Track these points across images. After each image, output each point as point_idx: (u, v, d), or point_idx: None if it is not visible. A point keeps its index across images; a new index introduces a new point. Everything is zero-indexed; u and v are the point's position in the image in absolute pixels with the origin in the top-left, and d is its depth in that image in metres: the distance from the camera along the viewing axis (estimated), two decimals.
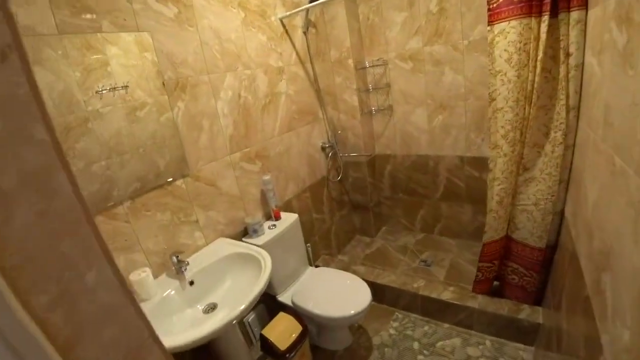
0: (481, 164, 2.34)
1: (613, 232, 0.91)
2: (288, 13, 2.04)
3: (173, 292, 1.36)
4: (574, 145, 1.49)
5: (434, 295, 2.05)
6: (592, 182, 1.18)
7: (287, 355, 1.68)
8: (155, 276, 1.38)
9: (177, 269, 1.40)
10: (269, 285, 1.83)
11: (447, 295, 2.03)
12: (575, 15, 1.28)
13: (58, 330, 0.35)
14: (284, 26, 2.07)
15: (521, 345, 1.85)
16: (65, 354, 0.35)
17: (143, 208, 1.37)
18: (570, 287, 1.27)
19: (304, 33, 2.22)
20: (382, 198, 3.02)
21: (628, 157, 0.83)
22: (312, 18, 2.30)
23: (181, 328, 1.28)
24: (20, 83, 0.33)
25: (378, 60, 2.47)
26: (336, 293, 1.85)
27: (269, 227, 1.84)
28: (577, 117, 1.43)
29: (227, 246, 1.61)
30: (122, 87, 1.27)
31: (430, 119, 2.46)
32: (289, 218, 1.94)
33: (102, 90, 1.21)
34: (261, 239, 1.74)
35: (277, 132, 2.04)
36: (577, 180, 1.44)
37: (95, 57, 1.20)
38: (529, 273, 1.82)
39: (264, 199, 1.93)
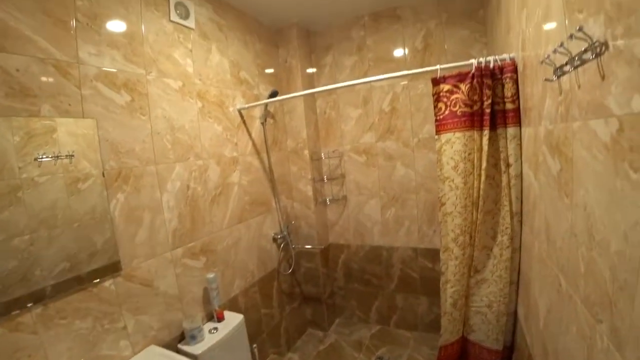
0: (434, 255, 2.35)
1: (565, 353, 0.88)
2: (247, 105, 2.09)
3: None
4: (520, 248, 1.53)
5: None
6: (541, 294, 1.18)
7: None
8: None
9: None
10: None
11: None
12: (511, 130, 1.41)
13: None
14: (241, 117, 2.10)
15: None
16: None
17: (57, 315, 1.15)
18: None
19: (262, 124, 2.26)
20: (336, 288, 2.89)
21: (574, 285, 0.83)
22: (271, 109, 2.37)
23: None
24: None
25: (334, 152, 2.55)
26: None
27: (209, 331, 1.63)
28: (521, 222, 1.50)
29: (155, 358, 1.38)
30: (66, 155, 1.20)
31: (383, 211, 2.50)
32: (233, 319, 1.74)
33: (42, 158, 1.13)
34: (200, 347, 1.52)
35: (227, 225, 1.93)
36: (525, 283, 1.45)
37: (42, 122, 1.13)
38: None
39: (206, 298, 1.74)
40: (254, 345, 2.09)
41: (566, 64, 0.71)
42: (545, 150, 1.05)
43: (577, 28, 0.60)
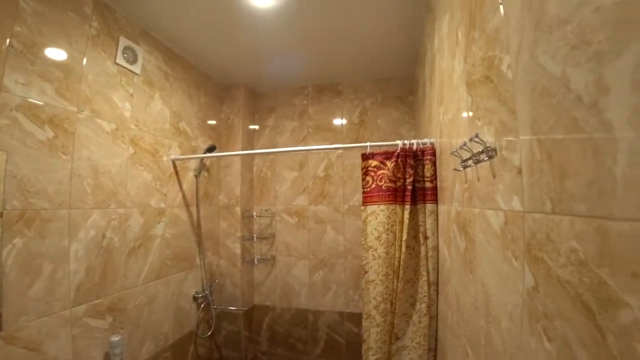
0: (360, 319, 2.34)
1: None
2: (182, 157, 2.05)
3: None
4: (437, 315, 1.61)
5: None
6: (450, 352, 1.23)
7: None
8: None
9: None
10: None
11: None
12: (429, 206, 1.55)
13: None
14: (175, 167, 2.04)
15: None
16: None
17: None
18: None
19: (196, 176, 2.21)
20: (259, 353, 2.71)
21: (477, 355, 0.89)
22: (207, 163, 2.35)
23: None
24: None
25: (266, 210, 2.55)
26: None
27: None
28: (437, 292, 1.59)
29: None
30: None
31: (311, 273, 2.49)
32: None
33: None
34: None
35: (143, 280, 1.77)
36: (442, 350, 1.50)
37: None
38: None
39: None
40: None
41: (469, 158, 0.84)
42: (455, 228, 1.17)
43: (475, 134, 0.73)
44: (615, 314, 0.34)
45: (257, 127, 2.70)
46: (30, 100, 1.26)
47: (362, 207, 1.64)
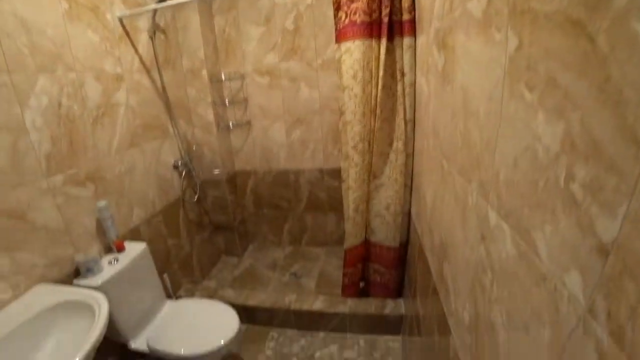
0: (339, 174, 2.47)
1: (446, 227, 1.03)
2: (129, 12, 1.78)
3: None
4: (413, 153, 1.69)
5: (305, 307, 2.04)
6: (428, 185, 1.33)
7: None
8: None
9: None
10: (118, 331, 1.52)
11: (318, 305, 2.05)
12: (407, 41, 1.47)
13: None
14: (123, 27, 1.80)
15: (390, 337, 2.01)
16: None
17: None
18: (421, 278, 1.41)
19: (151, 38, 1.97)
20: (247, 215, 2.91)
21: (453, 161, 0.95)
22: (161, 23, 2.08)
23: None
24: None
25: (235, 73, 2.40)
26: (201, 326, 1.64)
27: (109, 263, 1.52)
28: (414, 129, 1.63)
29: (46, 296, 1.24)
30: None
31: (288, 134, 2.50)
32: (135, 248, 1.64)
33: None
34: (99, 278, 1.42)
35: (116, 150, 1.72)
36: (417, 184, 1.63)
37: None
38: (389, 271, 1.98)
39: (100, 230, 1.59)
40: (165, 275, 2.04)
41: None
42: (434, 49, 1.12)
43: None
44: (607, 5, 0.32)
45: None
46: None
47: (336, 46, 1.54)
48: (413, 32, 1.47)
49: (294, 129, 2.48)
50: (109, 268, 1.49)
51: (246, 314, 2.07)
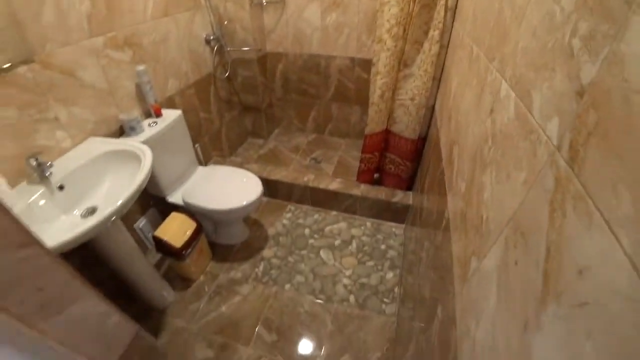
0: (370, 66, 2.42)
1: (464, 110, 1.07)
2: None
3: (39, 199, 1.19)
4: (447, 45, 1.63)
5: (322, 186, 2.23)
6: (456, 74, 1.33)
7: (184, 251, 1.71)
8: (12, 186, 1.17)
9: (39, 173, 1.20)
10: (157, 186, 1.75)
11: (334, 185, 2.23)
12: None
13: None
14: None
15: (394, 224, 2.22)
16: None
17: None
18: (432, 169, 1.51)
19: None
20: (274, 99, 2.98)
21: (481, 43, 0.95)
22: None
23: (55, 234, 1.16)
24: None
25: None
26: (228, 188, 1.87)
27: (149, 125, 1.68)
28: (453, 18, 1.55)
29: (99, 145, 1.43)
30: None
31: (323, 16, 2.38)
32: (171, 115, 1.78)
33: None
34: (141, 137, 1.59)
35: (150, 16, 1.73)
36: (446, 76, 1.61)
37: None
38: (404, 162, 2.09)
39: (140, 94, 1.71)
40: (197, 145, 2.22)
41: None
42: None
43: None
44: None
45: None
46: None
47: None
48: None
49: (330, 12, 2.35)
50: (149, 129, 1.65)
51: (268, 187, 2.29)
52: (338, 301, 1.76)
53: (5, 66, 1.14)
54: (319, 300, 1.77)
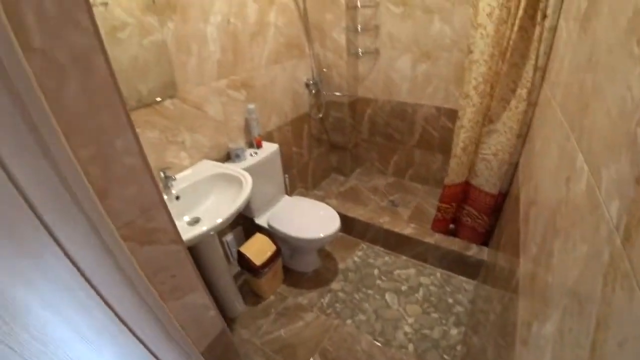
0: (456, 116, 2.46)
1: (545, 171, 1.08)
2: None
3: None
4: (535, 104, 1.63)
5: (396, 230, 2.28)
6: (540, 136, 1.33)
7: (262, 270, 1.90)
8: None
9: (165, 184, 1.51)
10: (248, 208, 1.99)
11: (408, 230, 2.26)
12: None
13: (96, 180, 0.47)
14: None
15: (465, 279, 2.15)
16: (100, 199, 0.47)
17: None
18: (509, 227, 1.48)
19: None
20: (360, 140, 3.14)
21: (565, 109, 0.98)
22: None
23: None
24: None
25: (370, 0, 2.45)
26: (309, 219, 2.03)
27: (250, 154, 1.95)
28: (542, 78, 1.55)
29: (211, 167, 1.72)
30: (100, 3, 1.21)
31: (413, 67, 2.52)
32: (269, 147, 2.05)
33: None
34: (243, 164, 1.85)
35: (265, 63, 2.06)
36: (531, 136, 1.60)
37: None
38: (481, 216, 2.05)
39: (247, 128, 2.01)
40: (286, 175, 2.46)
41: None
42: None
43: None
44: None
45: None
46: None
47: None
48: None
49: (421, 63, 2.49)
50: (250, 158, 1.92)
51: (344, 223, 2.40)
52: (396, 347, 1.76)
53: (158, 99, 1.50)
54: (377, 342, 1.78)
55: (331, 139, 3.03)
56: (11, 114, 0.33)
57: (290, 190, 2.59)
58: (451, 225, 2.27)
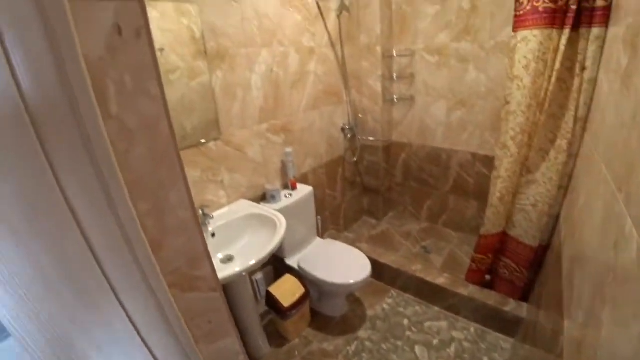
0: (492, 163, 2.40)
1: (589, 229, 1.03)
2: None
3: None
4: (576, 155, 1.58)
5: (429, 279, 2.20)
6: (584, 189, 1.29)
7: (289, 312, 1.88)
8: None
9: (203, 221, 1.57)
10: (280, 248, 2.00)
11: (441, 280, 2.18)
12: (595, 31, 1.36)
13: (151, 231, 0.51)
14: (319, 8, 2.16)
15: (502, 336, 2.00)
16: (154, 251, 0.51)
17: None
18: (552, 284, 1.40)
19: (338, 16, 2.31)
20: (393, 184, 3.14)
21: (610, 166, 0.95)
22: (347, 2, 2.38)
23: None
24: (146, 52, 0.47)
25: (405, 50, 2.55)
26: (339, 263, 2.02)
27: (285, 196, 2.00)
28: (584, 129, 1.52)
29: (247, 207, 1.78)
30: (158, 49, 1.35)
31: (448, 114, 2.55)
32: (304, 189, 2.10)
33: None
34: (278, 205, 1.90)
35: (303, 109, 2.17)
36: (574, 188, 1.54)
37: None
38: (519, 269, 1.95)
39: (283, 170, 2.08)
40: (318, 217, 2.48)
41: None
42: (621, 47, 1.06)
43: None
44: None
45: None
46: None
47: (512, 34, 1.53)
48: (605, 22, 1.34)
49: (455, 110, 2.51)
50: (285, 200, 1.97)
51: (374, 268, 2.35)
52: None
53: (202, 141, 1.61)
54: None
55: (365, 182, 3.06)
56: (90, 175, 0.38)
57: (322, 232, 2.60)
58: (487, 277, 2.17)
